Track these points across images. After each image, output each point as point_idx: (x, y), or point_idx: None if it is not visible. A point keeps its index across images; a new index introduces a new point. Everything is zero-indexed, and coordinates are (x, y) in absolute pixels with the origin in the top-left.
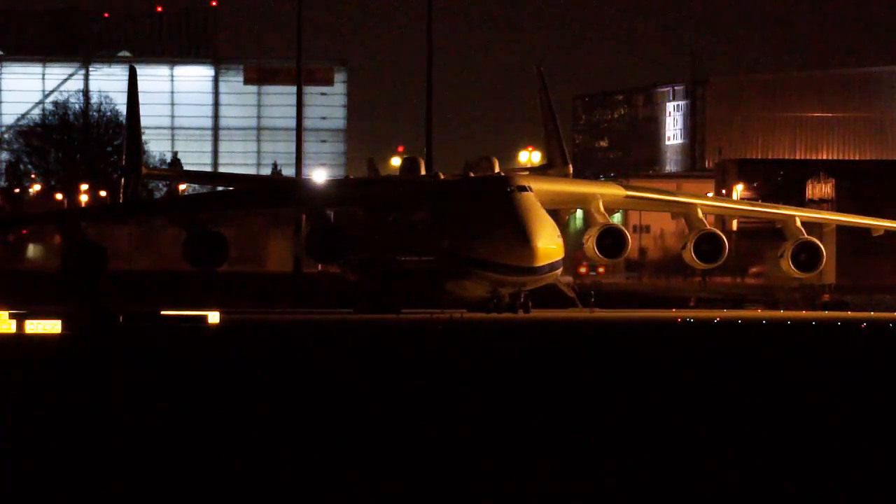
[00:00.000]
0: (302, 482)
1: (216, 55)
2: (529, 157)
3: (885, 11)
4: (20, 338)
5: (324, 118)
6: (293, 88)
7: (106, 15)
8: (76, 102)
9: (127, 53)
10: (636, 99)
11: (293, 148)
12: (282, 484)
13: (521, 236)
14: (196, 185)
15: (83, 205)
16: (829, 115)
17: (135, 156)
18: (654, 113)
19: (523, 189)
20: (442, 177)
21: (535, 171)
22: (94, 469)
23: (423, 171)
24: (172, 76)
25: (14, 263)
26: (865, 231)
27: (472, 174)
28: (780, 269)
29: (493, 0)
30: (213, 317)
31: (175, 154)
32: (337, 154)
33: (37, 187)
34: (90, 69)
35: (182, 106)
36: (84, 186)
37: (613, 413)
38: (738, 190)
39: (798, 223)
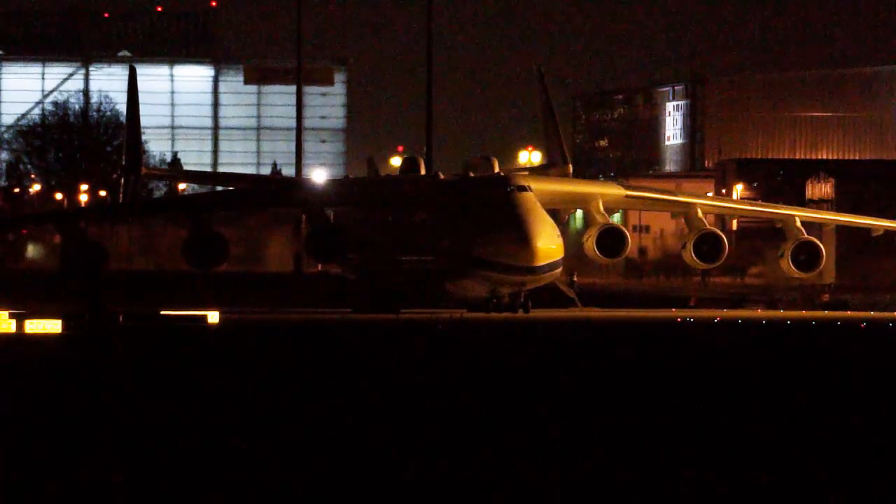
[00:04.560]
0: (301, 482)
1: (216, 55)
2: (529, 157)
3: (884, 11)
4: (20, 338)
5: (324, 118)
6: (293, 88)
7: (106, 15)
8: (76, 102)
9: (127, 53)
10: (636, 99)
11: (293, 148)
12: (281, 484)
13: (521, 236)
14: (196, 185)
15: (83, 205)
16: (829, 115)
17: (135, 156)
18: (654, 113)
19: (523, 189)
20: (442, 177)
21: (535, 171)
22: (94, 469)
23: (423, 171)
24: (172, 76)
25: (14, 263)
26: (865, 231)
27: (472, 174)
28: (780, 269)
29: (493, 0)
30: (213, 317)
31: (175, 154)
32: (337, 154)
33: (37, 187)
34: (90, 69)
35: (182, 106)
36: (84, 186)
37: (613, 413)
38: (738, 190)
39: (798, 223)
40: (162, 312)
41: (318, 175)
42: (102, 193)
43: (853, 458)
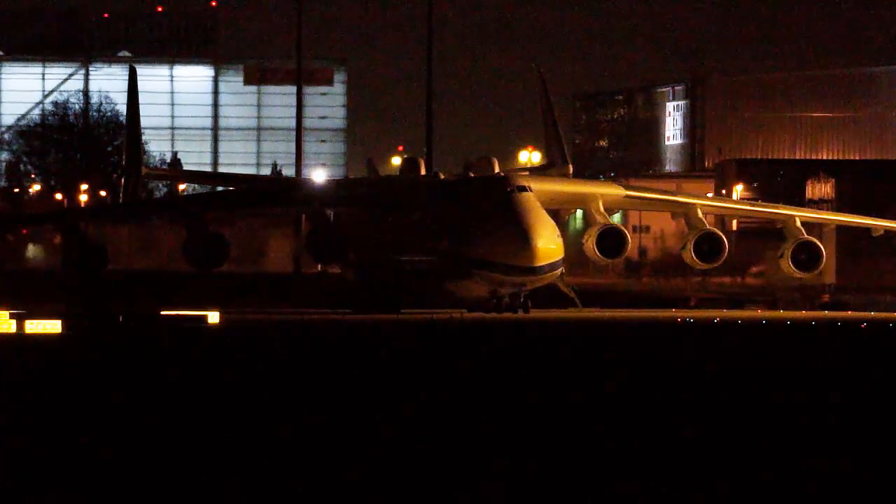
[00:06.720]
0: (301, 482)
1: (216, 55)
2: (529, 157)
3: (884, 11)
4: (20, 338)
5: (324, 118)
6: (293, 88)
7: (106, 15)
8: (76, 102)
9: (127, 53)
10: (636, 99)
11: (293, 148)
12: (281, 484)
13: (521, 236)
14: (196, 185)
15: (83, 205)
16: (829, 115)
17: (135, 156)
18: (654, 113)
19: (523, 189)
20: (442, 177)
21: (535, 171)
22: (94, 470)
23: (423, 171)
24: (172, 76)
25: (14, 263)
26: (865, 231)
27: (472, 174)
28: (780, 269)
29: (494, 0)
30: (213, 317)
31: (175, 154)
32: (337, 154)
33: (37, 187)
34: (90, 69)
35: (182, 106)
36: (84, 186)
37: (613, 413)
38: (738, 190)
39: (798, 223)
40: (162, 312)
41: (318, 175)
42: (102, 193)
43: (853, 458)
